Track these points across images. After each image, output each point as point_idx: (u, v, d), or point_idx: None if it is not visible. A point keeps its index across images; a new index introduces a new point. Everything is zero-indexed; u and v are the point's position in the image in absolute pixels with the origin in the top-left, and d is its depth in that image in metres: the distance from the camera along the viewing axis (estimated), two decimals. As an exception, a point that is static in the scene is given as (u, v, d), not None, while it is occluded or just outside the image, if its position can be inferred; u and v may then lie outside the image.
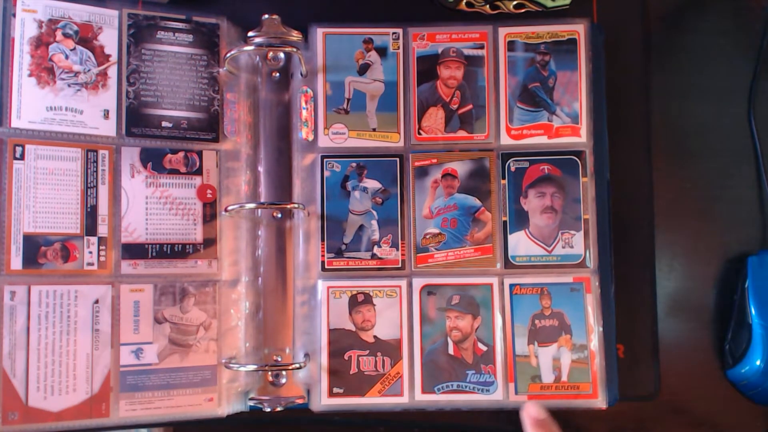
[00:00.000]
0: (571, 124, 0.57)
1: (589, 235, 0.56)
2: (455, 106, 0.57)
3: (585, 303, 0.55)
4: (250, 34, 0.56)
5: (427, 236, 0.56)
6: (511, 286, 0.56)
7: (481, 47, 0.57)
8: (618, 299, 0.56)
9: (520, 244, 0.56)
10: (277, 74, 0.57)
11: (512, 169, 0.57)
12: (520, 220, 0.56)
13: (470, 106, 0.57)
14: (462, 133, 0.57)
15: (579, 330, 0.55)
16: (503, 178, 0.57)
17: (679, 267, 0.60)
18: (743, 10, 0.63)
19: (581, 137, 0.57)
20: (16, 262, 0.51)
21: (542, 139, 0.57)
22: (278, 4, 0.57)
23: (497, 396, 0.55)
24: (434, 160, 0.57)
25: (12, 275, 0.51)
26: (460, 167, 0.56)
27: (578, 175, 0.56)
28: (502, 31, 0.57)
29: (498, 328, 0.56)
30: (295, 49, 0.55)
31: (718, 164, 0.61)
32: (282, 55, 0.57)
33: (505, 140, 0.57)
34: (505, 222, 0.56)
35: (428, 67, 0.57)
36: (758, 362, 0.57)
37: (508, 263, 0.56)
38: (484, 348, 0.55)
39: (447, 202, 0.56)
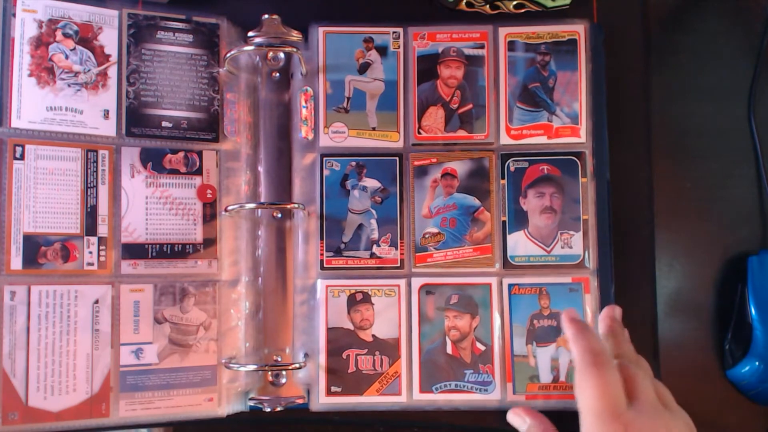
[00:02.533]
0: (571, 125, 0.56)
1: (588, 235, 0.56)
2: (455, 106, 0.57)
3: (584, 303, 0.55)
4: (250, 34, 0.56)
5: (426, 236, 0.56)
6: (510, 286, 0.56)
7: (482, 47, 0.57)
8: (618, 299, 0.56)
9: (519, 244, 0.56)
10: (277, 74, 0.57)
11: (512, 169, 0.56)
12: (519, 220, 0.56)
13: (470, 106, 0.57)
14: (462, 133, 0.57)
15: None
16: (503, 178, 0.56)
17: (679, 267, 0.60)
18: (743, 10, 0.63)
19: (581, 137, 0.56)
20: (16, 262, 0.51)
21: (542, 140, 0.56)
22: (278, 4, 0.57)
23: (495, 395, 0.55)
24: (434, 160, 0.56)
25: (12, 275, 0.51)
26: (460, 167, 0.56)
27: (578, 175, 0.56)
28: (503, 32, 0.57)
29: (496, 328, 0.55)
30: (295, 49, 0.55)
31: (718, 164, 0.61)
32: (282, 55, 0.57)
33: (505, 140, 0.57)
34: (504, 222, 0.56)
35: (428, 66, 0.57)
36: (758, 362, 0.57)
37: (507, 263, 0.56)
38: (483, 347, 0.55)
39: (446, 201, 0.56)
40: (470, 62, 0.57)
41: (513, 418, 0.52)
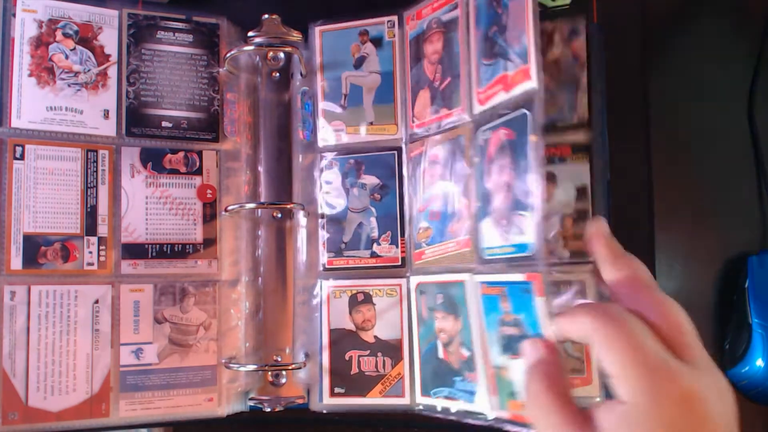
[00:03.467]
0: (522, 66, 0.42)
1: (537, 213, 0.40)
2: (437, 83, 0.52)
3: (535, 311, 0.40)
4: (250, 34, 0.56)
5: (420, 231, 0.53)
6: (480, 284, 0.47)
7: (456, 7, 0.51)
8: (618, 299, 0.56)
9: (488, 232, 0.46)
10: (277, 74, 0.57)
11: (481, 142, 0.47)
12: (487, 203, 0.46)
13: (449, 80, 0.51)
14: (444, 111, 0.51)
15: None
16: (477, 155, 0.48)
17: (679, 267, 0.60)
18: (743, 10, 0.63)
19: (531, 79, 0.41)
20: (16, 262, 0.51)
21: (502, 96, 0.45)
22: (278, 4, 0.57)
23: (481, 408, 0.47)
24: (422, 148, 0.53)
25: (12, 275, 0.51)
26: (441, 150, 0.52)
27: (527, 134, 0.42)
28: None
29: (475, 333, 0.48)
30: (295, 49, 0.55)
31: (718, 164, 0.61)
32: (282, 55, 0.57)
33: (477, 108, 0.48)
34: (478, 208, 0.47)
35: (417, 47, 0.54)
36: (758, 362, 0.57)
37: (479, 257, 0.47)
38: (467, 353, 0.49)
39: (433, 191, 0.52)
40: (447, 29, 0.51)
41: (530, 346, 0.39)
